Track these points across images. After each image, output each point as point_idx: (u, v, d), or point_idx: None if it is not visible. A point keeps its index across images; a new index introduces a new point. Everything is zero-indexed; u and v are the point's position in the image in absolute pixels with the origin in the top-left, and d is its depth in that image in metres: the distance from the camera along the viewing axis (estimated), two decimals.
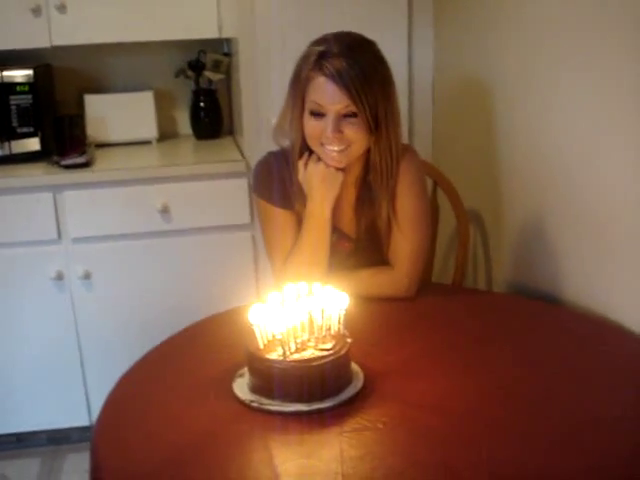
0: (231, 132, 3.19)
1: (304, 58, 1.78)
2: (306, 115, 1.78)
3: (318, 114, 1.75)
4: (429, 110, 2.74)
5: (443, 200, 2.30)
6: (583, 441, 1.30)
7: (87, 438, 2.82)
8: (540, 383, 1.49)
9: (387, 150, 1.81)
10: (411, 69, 2.68)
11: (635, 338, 1.70)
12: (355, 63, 1.71)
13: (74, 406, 2.78)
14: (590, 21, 1.80)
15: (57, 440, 2.87)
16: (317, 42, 1.78)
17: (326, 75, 1.71)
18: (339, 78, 1.70)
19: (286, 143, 1.90)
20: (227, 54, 3.04)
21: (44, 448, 2.86)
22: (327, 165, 1.81)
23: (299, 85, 1.78)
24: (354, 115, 1.73)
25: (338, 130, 1.74)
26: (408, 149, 1.92)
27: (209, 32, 2.82)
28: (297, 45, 1.82)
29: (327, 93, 1.72)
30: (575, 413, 1.38)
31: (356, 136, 1.76)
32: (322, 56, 1.73)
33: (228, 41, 3.00)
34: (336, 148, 1.77)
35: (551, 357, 1.60)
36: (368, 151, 1.83)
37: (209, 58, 3.03)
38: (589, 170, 1.87)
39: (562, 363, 1.58)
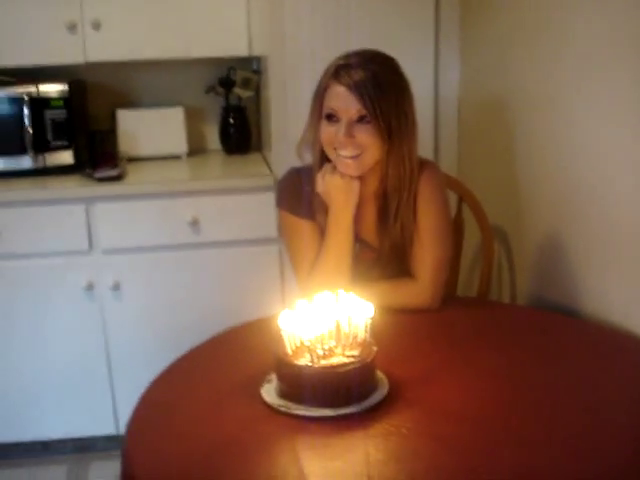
0: (259, 148, 3.24)
1: (326, 70, 1.85)
2: (322, 121, 1.84)
3: (332, 119, 1.81)
4: (455, 128, 2.78)
5: (468, 215, 2.32)
6: (602, 449, 1.32)
7: (113, 447, 2.85)
8: (559, 393, 1.51)
9: (400, 161, 1.85)
10: (437, 88, 2.72)
11: None
12: (371, 75, 1.77)
13: (101, 415, 2.82)
14: (612, 39, 1.83)
15: (83, 448, 2.91)
16: (340, 56, 1.85)
17: (342, 83, 1.79)
18: (354, 86, 1.77)
19: (309, 159, 1.94)
20: (256, 72, 3.10)
21: (70, 456, 2.89)
22: (342, 175, 1.85)
23: (319, 95, 1.85)
24: (367, 122, 1.78)
25: (350, 134, 1.79)
26: (428, 164, 1.95)
27: (239, 50, 2.88)
28: (325, 64, 1.87)
29: (341, 99, 1.79)
30: (593, 422, 1.40)
31: (368, 141, 1.80)
32: (341, 67, 1.80)
33: (258, 59, 3.06)
34: (349, 154, 1.81)
35: (572, 368, 1.62)
36: (383, 162, 1.87)
37: (239, 75, 3.08)
38: (610, 186, 1.89)
39: (582, 374, 1.60)
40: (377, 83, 1.77)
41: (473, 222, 2.31)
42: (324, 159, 1.89)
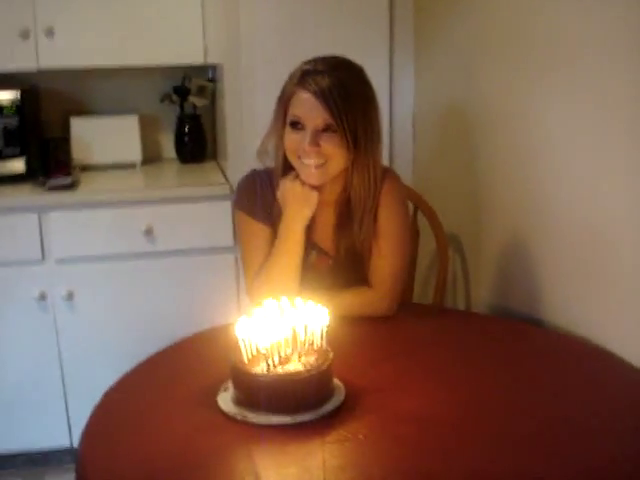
0: (215, 156, 3.23)
1: (290, 76, 1.83)
2: (286, 128, 1.82)
3: (297, 126, 1.79)
4: (409, 134, 2.80)
5: (423, 223, 2.34)
6: (555, 452, 1.33)
7: (67, 460, 2.82)
8: (515, 398, 1.53)
9: (365, 170, 1.84)
10: (392, 94, 2.74)
11: (614, 357, 1.75)
12: (337, 81, 1.75)
13: (55, 427, 2.78)
14: (575, 43, 1.85)
15: (37, 462, 2.86)
16: (306, 62, 1.83)
17: (308, 90, 1.76)
18: (320, 93, 1.74)
19: (270, 163, 1.93)
20: (212, 80, 3.09)
21: (23, 470, 2.84)
22: (303, 183, 1.84)
23: (283, 100, 1.82)
24: (333, 130, 1.77)
25: (315, 143, 1.77)
26: (389, 171, 1.96)
27: (194, 58, 2.87)
28: (281, 71, 1.86)
29: (307, 106, 1.76)
30: (550, 426, 1.42)
31: (334, 151, 1.78)
32: (307, 73, 1.78)
33: (213, 67, 3.05)
34: (313, 162, 1.79)
35: (527, 375, 1.64)
36: (348, 175, 1.86)
37: (194, 84, 3.08)
38: (570, 195, 1.92)
39: (537, 380, 1.62)
40: (344, 92, 1.75)
41: (428, 230, 2.33)
42: (287, 166, 1.87)
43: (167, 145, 3.25)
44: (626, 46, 1.66)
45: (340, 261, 1.95)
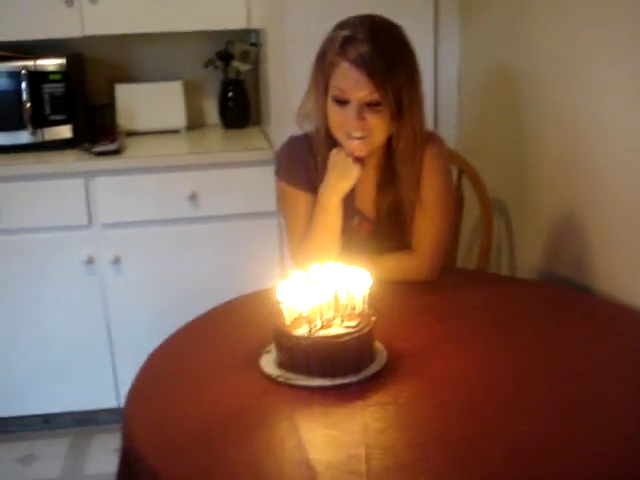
0: (258, 122, 3.23)
1: (328, 42, 1.77)
2: (330, 102, 1.78)
3: (342, 101, 1.75)
4: (455, 98, 2.77)
5: (467, 187, 2.32)
6: (597, 418, 1.33)
7: (114, 420, 2.87)
8: (559, 365, 1.51)
9: (410, 137, 1.82)
10: (437, 56, 2.71)
11: None
12: (380, 49, 1.70)
13: (102, 388, 2.84)
14: (622, 5, 1.80)
15: (84, 422, 2.94)
16: (341, 26, 1.77)
17: (350, 61, 1.71)
18: (363, 64, 1.69)
19: (309, 127, 1.91)
20: (255, 44, 3.08)
21: (72, 429, 2.92)
22: (347, 154, 1.81)
23: (323, 70, 1.78)
24: (378, 103, 1.73)
25: (361, 118, 1.74)
26: (433, 135, 1.93)
27: (237, 23, 2.86)
28: (323, 35, 1.83)
29: (351, 80, 1.72)
30: (593, 393, 1.41)
31: (379, 124, 1.76)
32: (347, 41, 1.72)
33: (256, 32, 3.04)
34: (359, 134, 1.77)
35: (571, 341, 1.62)
36: (391, 135, 1.84)
37: (237, 48, 3.06)
38: (621, 162, 1.88)
39: (581, 348, 1.60)
40: (388, 61, 1.70)
41: (473, 195, 2.31)
42: (329, 135, 1.84)
43: (211, 111, 3.26)
44: None
45: (382, 226, 1.94)
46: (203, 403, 1.41)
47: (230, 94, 3.15)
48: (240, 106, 3.18)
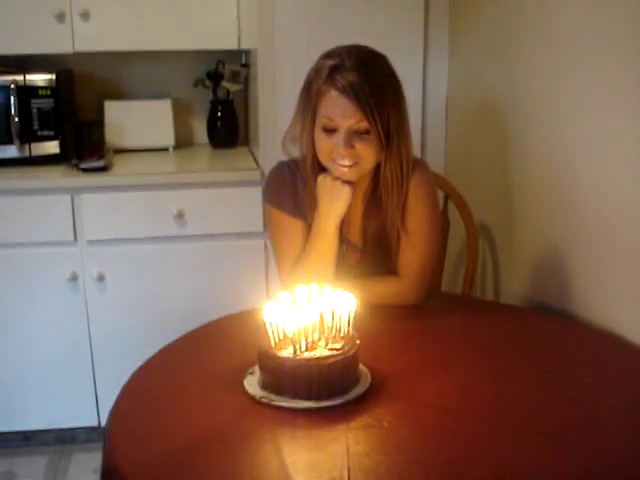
0: (247, 142, 3.24)
1: (315, 71, 1.78)
2: (317, 130, 1.78)
3: (330, 129, 1.75)
4: (442, 124, 2.79)
5: (454, 213, 2.33)
6: (582, 445, 1.33)
7: (94, 438, 2.86)
8: (542, 390, 1.52)
9: (398, 165, 1.82)
10: (425, 83, 2.73)
11: None
12: (367, 77, 1.70)
13: (83, 406, 2.82)
14: (607, 36, 1.83)
15: (65, 439, 2.91)
16: (328, 55, 1.77)
17: (338, 89, 1.71)
18: (352, 92, 1.69)
19: (295, 153, 1.91)
20: (245, 65, 3.10)
21: (52, 447, 2.89)
22: (336, 179, 1.81)
23: (310, 99, 1.78)
24: (366, 132, 1.73)
25: (350, 145, 1.74)
26: (419, 163, 1.93)
27: (228, 43, 2.88)
28: (314, 58, 1.84)
29: (339, 108, 1.72)
30: (577, 418, 1.42)
31: (367, 152, 1.76)
32: (334, 70, 1.72)
33: (247, 52, 3.06)
34: (347, 163, 1.77)
35: (555, 365, 1.63)
36: (378, 164, 1.84)
37: (227, 69, 3.08)
38: (605, 188, 1.89)
39: (565, 371, 1.61)
40: (376, 89, 1.70)
41: (459, 220, 2.32)
42: (317, 165, 1.85)
43: (200, 130, 3.26)
44: None
45: (368, 252, 1.95)
46: (185, 422, 1.40)
47: (219, 114, 3.17)
48: (229, 126, 3.19)
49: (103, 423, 2.79)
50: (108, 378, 2.76)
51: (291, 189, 1.91)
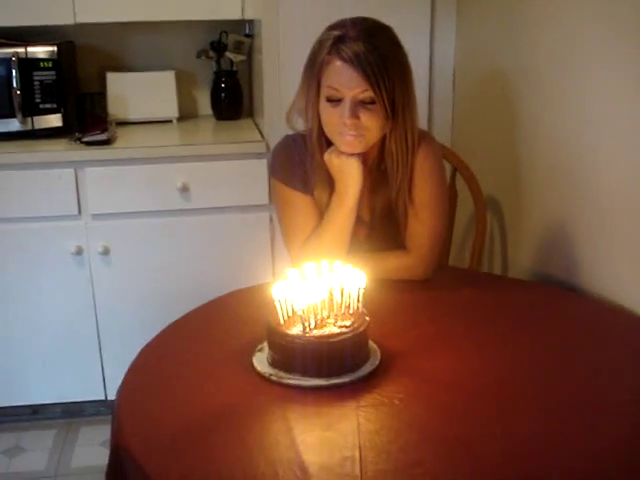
0: (251, 114, 3.21)
1: (320, 42, 1.75)
2: (322, 101, 1.75)
3: (335, 100, 1.73)
4: (449, 96, 2.75)
5: (462, 185, 2.31)
6: (594, 420, 1.33)
7: (102, 412, 2.87)
8: (551, 366, 1.51)
9: (403, 137, 1.80)
10: (432, 54, 2.70)
11: None
12: (373, 47, 1.68)
13: (90, 380, 2.82)
14: (622, 16, 1.79)
15: (72, 413, 2.92)
16: (333, 27, 1.75)
17: (343, 59, 1.68)
18: (357, 62, 1.67)
19: (301, 127, 1.89)
20: (249, 35, 3.06)
21: (59, 420, 2.90)
22: (341, 153, 1.78)
23: (315, 69, 1.75)
24: (371, 102, 1.71)
25: (355, 116, 1.71)
26: (425, 136, 1.90)
27: (232, 13, 2.84)
28: (319, 28, 1.81)
29: (344, 77, 1.69)
30: (586, 394, 1.41)
31: (373, 123, 1.73)
32: (339, 40, 1.70)
33: (250, 22, 3.01)
34: (353, 133, 1.74)
35: (564, 341, 1.63)
36: (383, 137, 1.81)
37: (231, 39, 3.04)
38: (612, 162, 1.87)
39: (575, 347, 1.60)
40: (381, 59, 1.67)
41: (467, 193, 2.30)
42: (323, 138, 1.82)
43: (203, 101, 3.23)
44: None
45: (376, 227, 1.93)
46: (195, 401, 1.39)
47: (223, 85, 3.13)
48: (233, 97, 3.15)
49: (110, 397, 2.80)
50: (114, 352, 2.77)
51: (298, 164, 1.88)
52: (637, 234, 1.79)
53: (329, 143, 1.82)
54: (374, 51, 1.68)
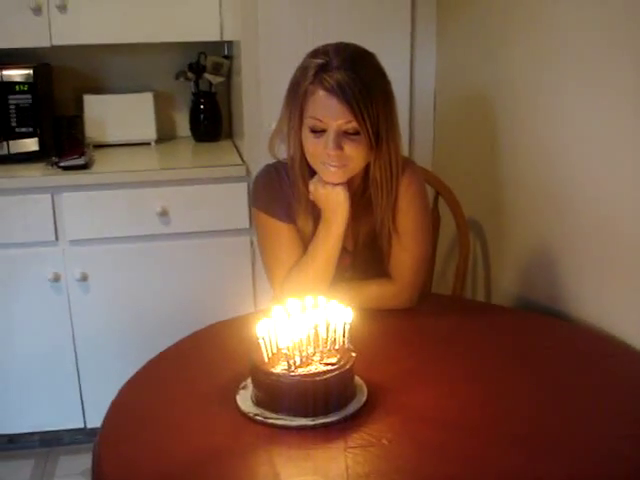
0: (230, 135, 3.18)
1: (302, 70, 1.71)
2: (305, 132, 1.72)
3: (318, 131, 1.69)
4: (430, 119, 2.74)
5: (444, 209, 2.29)
6: (586, 455, 1.30)
7: (80, 440, 2.82)
8: (539, 396, 1.49)
9: (387, 165, 1.77)
10: (413, 76, 2.69)
11: (636, 353, 1.71)
12: (357, 76, 1.65)
13: (68, 408, 2.77)
14: (599, 35, 1.80)
15: (50, 442, 2.86)
16: (315, 54, 1.71)
17: (327, 89, 1.65)
18: (341, 92, 1.63)
19: (282, 155, 1.86)
20: (227, 57, 3.03)
21: (37, 450, 2.84)
22: (325, 184, 1.76)
23: (297, 99, 1.72)
24: (355, 132, 1.68)
25: (339, 147, 1.68)
26: (409, 163, 1.88)
27: (210, 35, 2.82)
28: (299, 49, 1.77)
29: (328, 108, 1.66)
30: (579, 427, 1.39)
31: (357, 153, 1.71)
32: (322, 69, 1.66)
33: (229, 44, 2.99)
34: (336, 164, 1.71)
35: (552, 370, 1.61)
36: (367, 165, 1.79)
37: (209, 61, 3.02)
38: (594, 184, 1.86)
39: (563, 377, 1.58)
40: (365, 90, 1.64)
41: (449, 216, 2.28)
42: (306, 166, 1.79)
43: (182, 123, 3.20)
44: None
45: (359, 256, 1.91)
46: (178, 443, 1.35)
47: (202, 107, 3.10)
48: (212, 119, 3.13)
49: (89, 424, 2.75)
50: (93, 379, 2.72)
51: (280, 193, 1.85)
52: (622, 257, 1.78)
53: (312, 171, 1.80)
54: (358, 81, 1.64)
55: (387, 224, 1.84)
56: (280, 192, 1.86)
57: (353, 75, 1.65)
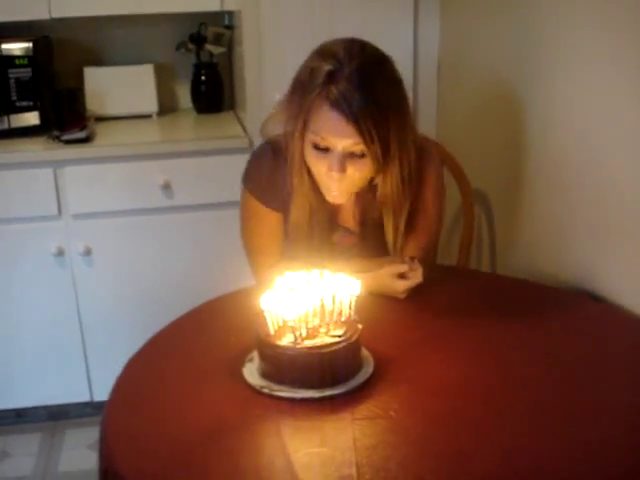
0: (232, 106, 3.15)
1: (309, 72, 1.58)
2: (308, 146, 1.63)
3: (322, 148, 1.60)
4: (434, 88, 2.71)
5: (449, 179, 2.27)
6: (590, 428, 1.30)
7: (87, 413, 2.83)
8: (548, 368, 1.48)
9: (397, 180, 1.68)
10: (416, 46, 2.64)
11: None
12: (369, 94, 1.52)
13: (74, 382, 2.78)
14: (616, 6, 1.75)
15: (57, 415, 2.87)
16: (324, 55, 1.58)
17: (335, 105, 1.53)
18: (348, 109, 1.52)
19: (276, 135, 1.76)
20: (229, 27, 3.00)
21: (44, 423, 2.86)
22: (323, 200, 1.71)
23: (302, 106, 1.59)
24: (362, 154, 1.59)
25: (343, 169, 1.59)
26: (425, 156, 1.78)
27: (211, 4, 2.78)
28: (300, 17, 1.74)
29: (333, 126, 1.55)
30: (587, 399, 1.38)
31: (361, 174, 1.63)
32: (331, 78, 1.54)
33: (230, 14, 2.95)
34: (338, 187, 1.65)
35: (560, 339, 1.60)
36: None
37: (210, 31, 2.98)
38: (603, 156, 1.83)
39: (570, 348, 1.57)
40: (377, 107, 1.52)
41: (454, 186, 2.26)
42: (304, 166, 1.70)
43: (183, 95, 3.17)
44: None
45: (366, 237, 1.86)
46: (185, 417, 1.35)
47: (203, 78, 3.07)
48: (213, 90, 3.10)
49: (96, 398, 2.76)
50: (99, 352, 2.72)
51: (273, 180, 1.77)
52: (633, 231, 1.76)
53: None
54: (369, 96, 1.52)
55: (397, 247, 1.80)
56: (274, 178, 1.77)
57: (363, 89, 1.53)
